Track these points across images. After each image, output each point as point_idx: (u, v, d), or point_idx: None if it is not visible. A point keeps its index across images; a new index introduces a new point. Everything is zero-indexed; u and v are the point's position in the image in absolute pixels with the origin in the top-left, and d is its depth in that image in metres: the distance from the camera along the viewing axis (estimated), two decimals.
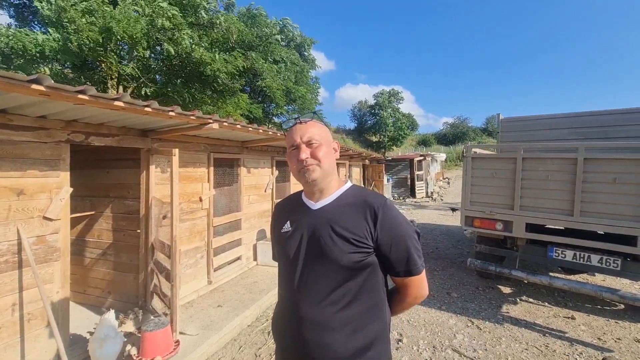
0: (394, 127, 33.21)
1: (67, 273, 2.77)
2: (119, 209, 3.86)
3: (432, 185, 19.02)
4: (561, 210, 3.69)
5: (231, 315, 3.66)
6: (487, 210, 4.11)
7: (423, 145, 41.87)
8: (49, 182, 2.62)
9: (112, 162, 3.88)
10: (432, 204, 15.09)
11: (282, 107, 15.81)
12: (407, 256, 1.08)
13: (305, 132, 1.12)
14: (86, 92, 2.04)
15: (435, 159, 21.87)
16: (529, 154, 3.93)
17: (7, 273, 2.39)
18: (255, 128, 4.07)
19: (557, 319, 3.85)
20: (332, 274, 1.05)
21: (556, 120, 5.08)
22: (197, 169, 4.27)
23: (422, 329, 3.64)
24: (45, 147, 2.60)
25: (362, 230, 1.05)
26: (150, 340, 2.73)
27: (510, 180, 3.97)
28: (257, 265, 5.50)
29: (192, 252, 4.21)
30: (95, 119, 2.82)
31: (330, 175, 1.14)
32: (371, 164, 15.65)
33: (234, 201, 5.13)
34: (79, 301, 4.08)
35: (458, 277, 5.24)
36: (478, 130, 46.17)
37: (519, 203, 3.90)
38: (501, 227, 4.05)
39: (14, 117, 2.37)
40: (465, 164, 4.34)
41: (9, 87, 1.72)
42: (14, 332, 2.44)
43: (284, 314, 1.14)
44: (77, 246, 4.08)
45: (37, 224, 2.56)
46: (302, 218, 1.15)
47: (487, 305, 4.19)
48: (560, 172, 3.71)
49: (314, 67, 19.33)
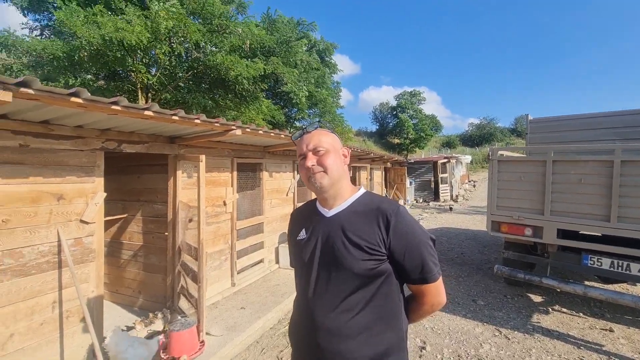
0: (415, 129, 32.62)
1: (101, 273, 2.93)
2: (149, 213, 4.04)
3: (457, 188, 18.52)
4: (596, 216, 3.50)
5: (254, 317, 3.73)
6: (515, 215, 3.96)
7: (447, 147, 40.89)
8: (85, 188, 2.80)
9: (142, 168, 4.07)
10: (457, 208, 14.67)
11: (304, 111, 15.97)
12: (422, 263, 1.06)
13: (311, 140, 1.14)
14: (119, 103, 2.17)
15: (460, 161, 21.28)
16: (560, 157, 3.75)
17: (48, 272, 2.56)
18: (276, 133, 4.15)
19: (593, 331, 3.63)
20: (345, 281, 1.05)
21: (590, 120, 4.82)
22: (221, 174, 4.39)
23: (446, 336, 3.54)
24: (82, 155, 2.77)
25: (375, 238, 1.05)
26: (176, 339, 2.83)
27: (540, 184, 3.81)
28: (279, 268, 5.57)
29: (216, 254, 4.33)
30: (126, 128, 2.98)
31: (340, 182, 1.15)
32: (393, 167, 15.46)
33: (257, 205, 5.23)
34: (113, 300, 4.30)
35: (485, 284, 5.07)
36: (506, 131, 44.55)
37: (549, 208, 3.73)
38: (530, 233, 3.88)
39: (54, 127, 2.55)
40: (491, 167, 4.20)
41: (50, 100, 1.86)
42: (55, 328, 2.60)
43: (299, 321, 1.16)
44: (111, 247, 4.30)
45: (75, 227, 2.73)
46: (316, 225, 1.16)
47: (516, 314, 4.02)
48: (595, 176, 3.51)
49: (336, 72, 19.44)
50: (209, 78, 10.44)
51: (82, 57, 7.58)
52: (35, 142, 2.47)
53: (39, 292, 2.50)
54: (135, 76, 9.15)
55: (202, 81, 10.78)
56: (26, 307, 2.43)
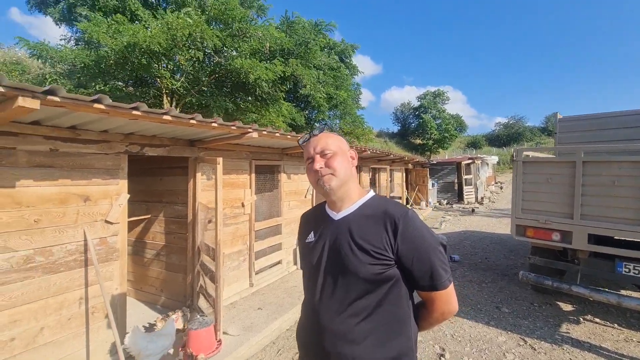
0: (438, 129, 31.85)
1: (124, 272, 3.06)
2: (170, 214, 4.17)
3: (482, 190, 17.90)
4: (632, 221, 3.26)
5: (271, 318, 3.76)
6: (542, 218, 3.76)
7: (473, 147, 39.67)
8: (110, 189, 2.93)
9: (165, 170, 4.21)
10: (482, 210, 14.17)
11: (324, 112, 16.00)
12: (431, 270, 1.03)
13: (317, 143, 1.14)
14: (139, 108, 2.26)
15: (486, 162, 20.55)
16: (591, 157, 3.53)
17: (76, 270, 2.70)
18: (293, 136, 4.17)
19: (629, 344, 3.39)
20: (352, 285, 1.04)
21: (623, 118, 4.51)
22: (240, 176, 4.47)
23: (467, 344, 3.42)
24: (107, 158, 2.91)
25: (382, 242, 1.03)
26: (194, 338, 2.90)
27: (569, 186, 3.60)
28: (297, 270, 5.59)
29: (234, 255, 4.40)
30: (148, 132, 3.10)
31: (348, 184, 1.14)
32: (414, 168, 15.18)
33: (275, 206, 5.28)
34: (138, 298, 4.47)
35: (510, 290, 4.85)
36: (536, 130, 42.67)
37: (579, 212, 3.52)
38: (558, 238, 3.68)
39: (81, 132, 2.69)
40: (516, 168, 4.02)
41: (75, 106, 1.96)
42: (81, 323, 2.74)
43: (306, 324, 1.15)
44: (136, 247, 4.48)
45: (100, 227, 2.86)
46: (325, 229, 1.16)
47: (543, 323, 3.82)
48: (630, 178, 3.28)
49: (356, 73, 19.35)
50: (230, 82, 10.69)
51: (109, 64, 7.98)
52: (64, 147, 2.61)
53: (67, 289, 2.64)
54: (160, 82, 9.52)
55: (224, 85, 11.06)
56: (55, 302, 2.57)
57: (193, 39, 8.27)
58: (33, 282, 2.44)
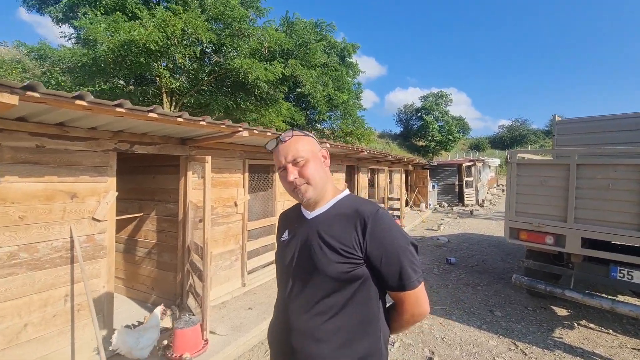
0: (440, 131, 31.72)
1: (112, 269, 3.05)
2: (162, 212, 4.17)
3: (483, 193, 17.79)
4: (627, 225, 3.21)
5: (260, 318, 3.74)
6: (535, 221, 3.71)
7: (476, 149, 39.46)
8: (97, 187, 2.92)
9: (157, 168, 4.21)
10: (482, 213, 14.08)
11: (324, 113, 15.98)
12: (400, 270, 1.02)
13: (288, 151, 1.10)
14: (123, 105, 2.25)
15: (488, 165, 20.43)
16: (585, 160, 3.48)
17: (61, 267, 2.70)
18: None
19: (623, 350, 3.33)
20: (320, 283, 1.03)
21: (621, 120, 4.44)
22: (233, 175, 4.46)
23: (457, 348, 3.38)
24: (95, 155, 2.90)
25: (351, 240, 1.02)
26: (180, 337, 2.89)
27: (563, 189, 3.55)
28: None
29: (226, 254, 4.39)
30: (138, 130, 3.09)
31: (324, 187, 1.13)
32: (415, 170, 15.13)
33: (269, 206, 5.26)
34: (129, 295, 4.47)
35: (504, 294, 4.80)
36: (540, 133, 42.32)
37: (572, 215, 3.46)
38: (552, 241, 3.62)
39: (69, 129, 2.69)
40: (510, 170, 3.98)
41: (56, 103, 1.96)
42: (66, 320, 2.73)
43: (276, 323, 1.15)
44: (128, 245, 4.48)
45: (87, 224, 2.85)
46: (298, 227, 1.16)
47: (536, 328, 3.77)
48: (625, 181, 3.23)
49: (357, 73, 19.28)
50: (229, 81, 10.70)
51: (107, 62, 8.00)
52: (51, 144, 2.61)
53: (52, 286, 2.63)
54: (160, 81, 9.55)
55: (224, 84, 11.07)
56: (40, 299, 2.56)
57: (188, 35, 8.28)
58: (17, 279, 2.43)
